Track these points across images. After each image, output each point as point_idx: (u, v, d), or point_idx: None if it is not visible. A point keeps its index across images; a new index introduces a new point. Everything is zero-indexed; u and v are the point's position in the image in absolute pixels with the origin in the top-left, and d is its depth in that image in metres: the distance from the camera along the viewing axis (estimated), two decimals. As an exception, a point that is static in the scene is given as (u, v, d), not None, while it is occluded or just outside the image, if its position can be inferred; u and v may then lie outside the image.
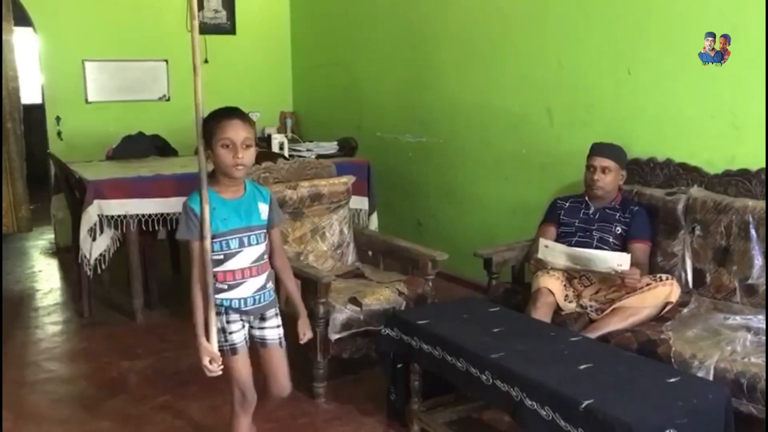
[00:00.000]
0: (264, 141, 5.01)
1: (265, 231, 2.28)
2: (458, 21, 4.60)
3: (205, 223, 2.12)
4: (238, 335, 2.27)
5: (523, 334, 2.65)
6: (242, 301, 2.25)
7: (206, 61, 5.83)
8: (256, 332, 2.34)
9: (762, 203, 3.00)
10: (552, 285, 3.06)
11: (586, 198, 3.39)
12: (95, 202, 3.91)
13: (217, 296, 2.21)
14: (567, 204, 3.44)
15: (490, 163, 4.50)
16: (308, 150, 4.57)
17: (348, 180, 3.74)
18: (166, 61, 5.80)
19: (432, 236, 4.88)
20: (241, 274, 2.23)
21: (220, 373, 2.19)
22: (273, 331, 2.35)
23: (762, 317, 2.82)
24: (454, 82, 4.69)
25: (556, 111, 4.03)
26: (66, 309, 4.46)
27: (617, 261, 2.95)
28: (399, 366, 2.87)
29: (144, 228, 4.08)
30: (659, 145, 3.49)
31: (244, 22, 6.09)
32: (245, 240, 2.22)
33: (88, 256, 3.93)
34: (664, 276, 3.02)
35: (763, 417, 2.40)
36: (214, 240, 2.15)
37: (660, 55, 3.45)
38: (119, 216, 3.98)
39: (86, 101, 5.59)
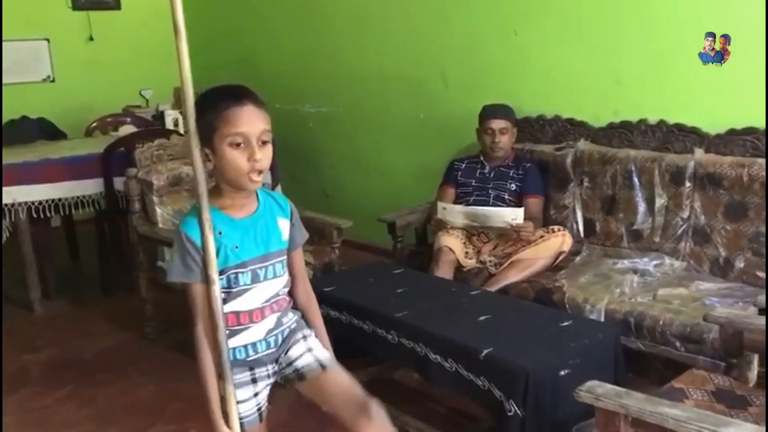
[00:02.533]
0: (158, 118, 4.86)
1: (285, 257, 1.71)
2: (350, -12, 4.58)
3: (210, 258, 1.49)
4: (247, 405, 1.69)
5: (426, 292, 2.72)
6: (249, 348, 1.68)
7: (91, 39, 5.59)
8: (288, 370, 1.75)
9: (643, 152, 3.18)
10: (452, 243, 3.15)
11: (482, 158, 3.49)
12: (-21, 191, 3.71)
13: None
14: (463, 165, 3.53)
15: (391, 129, 4.54)
16: (205, 125, 4.49)
17: (247, 153, 3.69)
18: (48, 39, 5.49)
19: (339, 205, 4.89)
20: (249, 317, 1.66)
21: None
22: (307, 356, 1.75)
23: (647, 259, 3.01)
24: (351, 50, 4.68)
25: (449, 74, 4.10)
26: (-44, 306, 4.23)
27: (511, 216, 3.07)
28: (308, 334, 2.90)
29: (35, 215, 3.91)
30: (548, 103, 3.61)
31: (129, -4, 5.83)
32: (260, 273, 1.64)
33: (-25, 249, 3.73)
34: (556, 227, 3.16)
35: (650, 351, 2.58)
36: (219, 275, 1.56)
37: (544, 14, 3.56)
38: (7, 204, 3.79)
39: (-39, 86, 5.24)
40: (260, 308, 1.66)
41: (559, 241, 3.08)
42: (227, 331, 1.58)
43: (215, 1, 5.81)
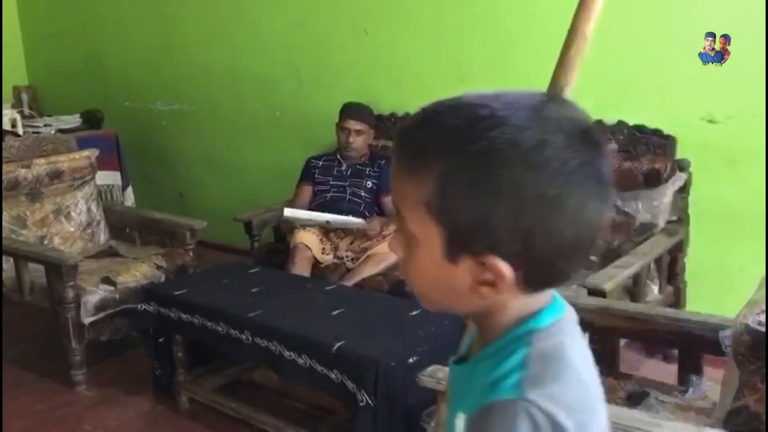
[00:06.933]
0: (-6, 119, 4.52)
1: None
2: (200, -17, 4.48)
3: None
4: None
5: (281, 290, 2.72)
6: None
7: None
8: None
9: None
10: (308, 240, 3.17)
11: (338, 156, 3.53)
12: None
13: None
14: (321, 163, 3.55)
15: (247, 127, 4.49)
16: (47, 125, 4.22)
17: (91, 154, 3.53)
18: None
19: (195, 206, 4.77)
20: None
21: None
22: None
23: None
24: (202, 47, 4.57)
25: (303, 72, 4.11)
26: None
27: (355, 224, 3.21)
28: (161, 340, 2.81)
29: None
30: (399, 100, 3.70)
31: (-43, -13, 5.37)
32: None
33: None
34: (409, 221, 3.26)
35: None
36: None
37: (391, 14, 3.66)
38: None
39: None
40: None
41: (412, 234, 3.18)
42: None
43: (55, -6, 5.49)
